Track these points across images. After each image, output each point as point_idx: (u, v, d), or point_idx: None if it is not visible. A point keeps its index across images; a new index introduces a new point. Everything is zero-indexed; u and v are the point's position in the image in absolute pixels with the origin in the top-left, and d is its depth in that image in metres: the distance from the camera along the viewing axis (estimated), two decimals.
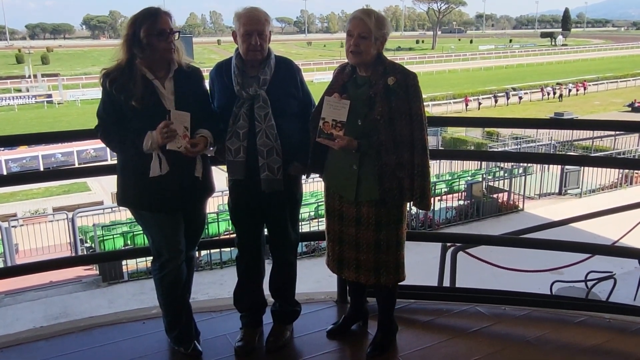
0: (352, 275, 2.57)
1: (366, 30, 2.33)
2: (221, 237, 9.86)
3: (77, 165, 22.14)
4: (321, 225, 9.81)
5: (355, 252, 2.52)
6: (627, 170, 12.21)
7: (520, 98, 37.60)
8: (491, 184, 12.12)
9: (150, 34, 2.29)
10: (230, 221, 2.79)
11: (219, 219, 10.34)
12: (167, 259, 2.49)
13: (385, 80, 2.36)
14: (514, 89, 39.41)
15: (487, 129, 24.01)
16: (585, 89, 41.31)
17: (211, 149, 2.53)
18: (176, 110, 2.35)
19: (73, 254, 9.84)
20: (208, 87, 2.58)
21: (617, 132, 15.00)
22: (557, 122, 10.90)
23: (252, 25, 2.40)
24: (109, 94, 2.33)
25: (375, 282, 2.53)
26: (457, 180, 13.58)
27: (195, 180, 2.48)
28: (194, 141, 2.37)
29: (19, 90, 46.41)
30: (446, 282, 4.22)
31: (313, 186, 13.55)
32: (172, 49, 2.36)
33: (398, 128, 2.34)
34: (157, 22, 2.30)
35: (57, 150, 23.73)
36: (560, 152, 15.28)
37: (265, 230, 2.72)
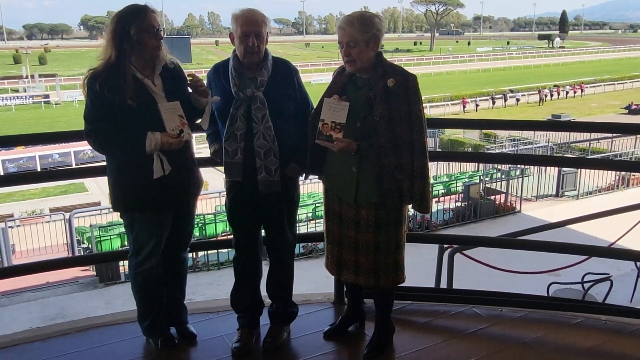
0: (351, 277, 2.57)
1: (352, 39, 2.33)
2: (218, 238, 9.87)
3: (74, 166, 22.12)
4: (319, 226, 9.82)
5: (354, 254, 2.51)
6: (623, 173, 12.23)
7: (518, 100, 37.65)
8: (488, 185, 12.11)
9: (141, 30, 2.28)
10: (227, 222, 2.78)
11: (217, 220, 10.33)
12: (144, 258, 2.50)
13: (384, 81, 2.35)
14: (512, 91, 39.46)
15: (484, 131, 24.05)
16: (582, 91, 41.39)
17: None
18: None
19: (70, 255, 9.83)
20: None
21: (614, 135, 15.03)
22: (554, 124, 10.97)
23: (250, 27, 2.40)
24: (98, 95, 2.28)
25: (374, 284, 2.53)
26: (455, 181, 13.59)
27: (190, 175, 2.51)
28: None
29: (17, 91, 46.29)
30: (443, 284, 4.22)
31: (311, 187, 13.54)
32: (161, 47, 2.37)
33: (397, 130, 2.33)
34: (147, 19, 2.30)
35: (54, 150, 23.70)
36: (558, 154, 15.28)
37: (263, 231, 2.73)
